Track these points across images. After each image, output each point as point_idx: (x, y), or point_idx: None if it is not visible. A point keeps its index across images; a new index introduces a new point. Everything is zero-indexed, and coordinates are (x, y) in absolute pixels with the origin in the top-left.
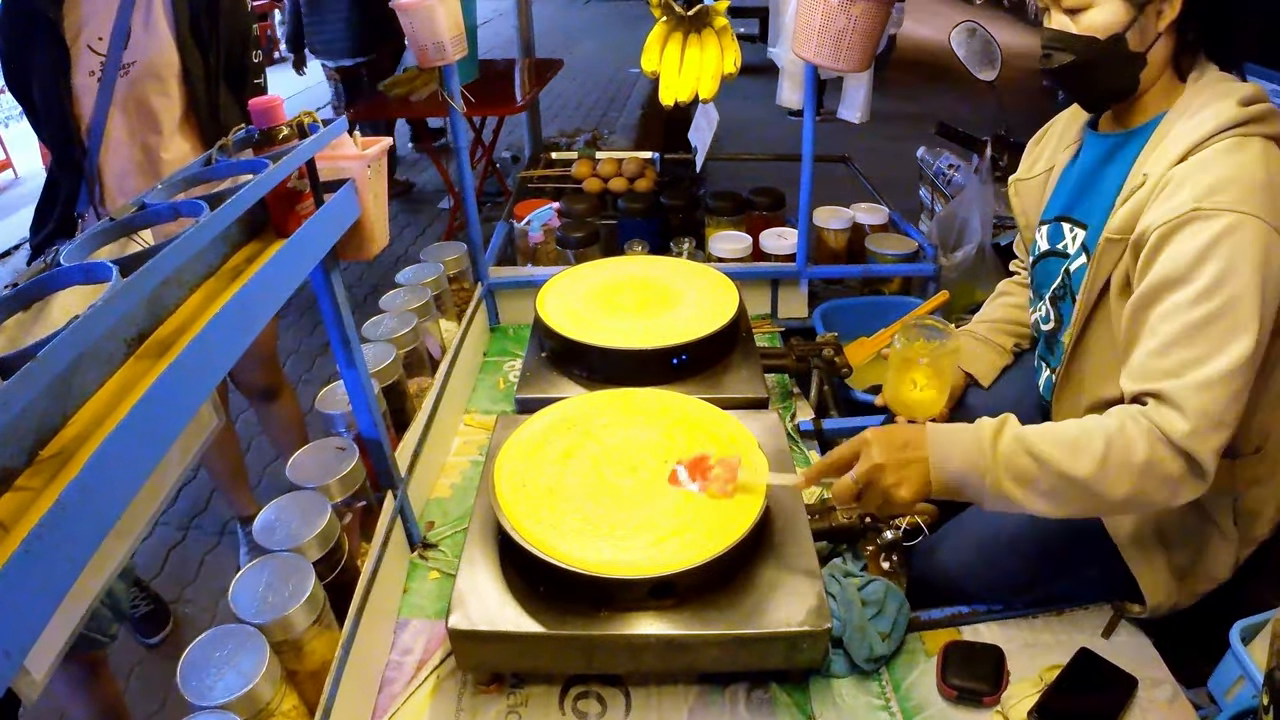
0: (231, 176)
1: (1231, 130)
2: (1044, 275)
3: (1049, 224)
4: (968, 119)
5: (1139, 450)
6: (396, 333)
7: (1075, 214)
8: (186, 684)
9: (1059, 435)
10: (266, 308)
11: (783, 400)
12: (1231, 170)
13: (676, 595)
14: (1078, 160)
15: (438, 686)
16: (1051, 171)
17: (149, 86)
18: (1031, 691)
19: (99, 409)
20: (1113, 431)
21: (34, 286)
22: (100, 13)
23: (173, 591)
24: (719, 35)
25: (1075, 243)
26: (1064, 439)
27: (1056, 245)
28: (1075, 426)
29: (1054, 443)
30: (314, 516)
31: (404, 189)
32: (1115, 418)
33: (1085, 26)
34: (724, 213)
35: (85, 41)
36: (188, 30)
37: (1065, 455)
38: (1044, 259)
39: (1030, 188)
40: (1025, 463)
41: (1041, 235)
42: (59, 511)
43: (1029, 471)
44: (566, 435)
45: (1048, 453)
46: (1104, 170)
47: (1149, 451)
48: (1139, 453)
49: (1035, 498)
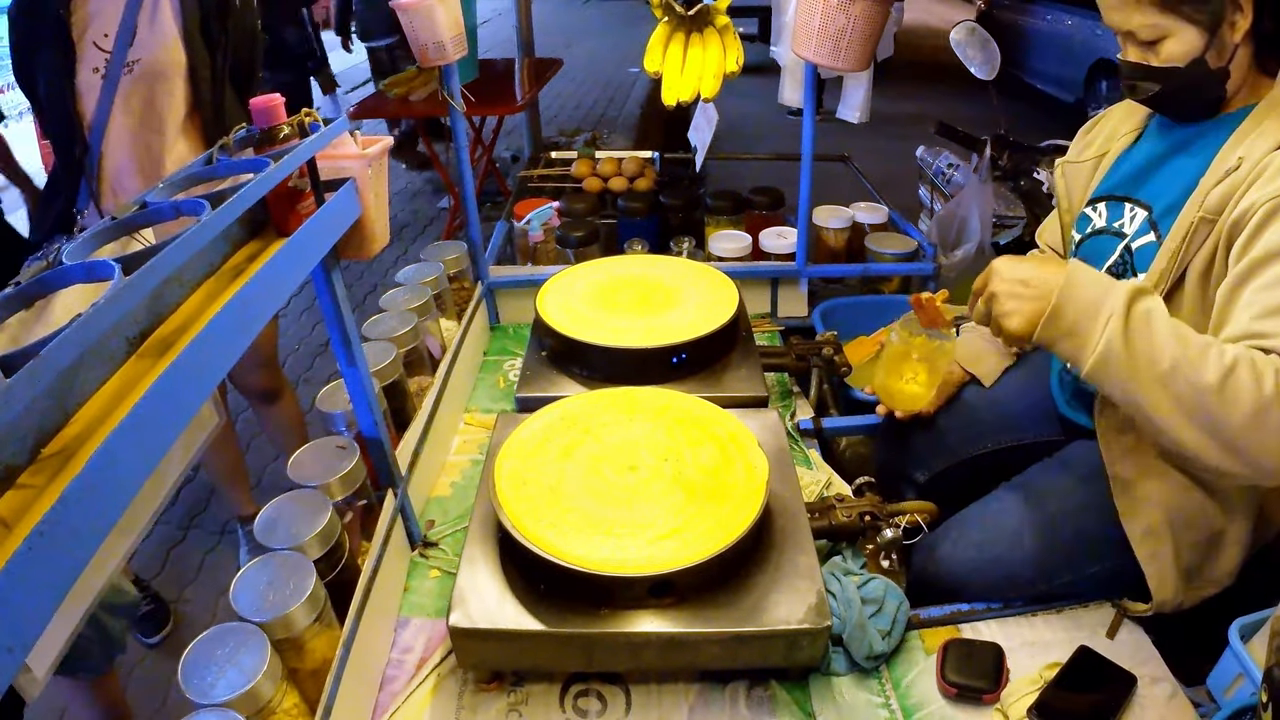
0: (232, 175)
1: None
2: (1094, 252)
3: (1106, 201)
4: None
5: (1268, 384)
6: (397, 332)
7: (1138, 195)
8: (188, 682)
9: (1190, 333)
10: (267, 306)
11: (782, 399)
12: None
13: (677, 593)
14: (1139, 146)
15: (438, 685)
16: (1104, 157)
17: (153, 85)
18: (1031, 689)
19: (101, 407)
20: (1246, 355)
21: (36, 285)
22: (107, 9)
23: (173, 591)
24: (721, 34)
25: (1134, 222)
26: (1194, 338)
27: (1113, 224)
28: (1206, 338)
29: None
30: (315, 515)
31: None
32: (1248, 353)
33: (1165, 58)
34: (723, 212)
35: (91, 38)
36: (197, 30)
37: (1196, 353)
38: (1094, 236)
39: (1079, 172)
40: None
41: (1097, 213)
42: (61, 509)
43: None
44: (566, 434)
45: (1177, 345)
46: (1177, 157)
47: (1277, 389)
48: (1268, 387)
49: (1149, 382)
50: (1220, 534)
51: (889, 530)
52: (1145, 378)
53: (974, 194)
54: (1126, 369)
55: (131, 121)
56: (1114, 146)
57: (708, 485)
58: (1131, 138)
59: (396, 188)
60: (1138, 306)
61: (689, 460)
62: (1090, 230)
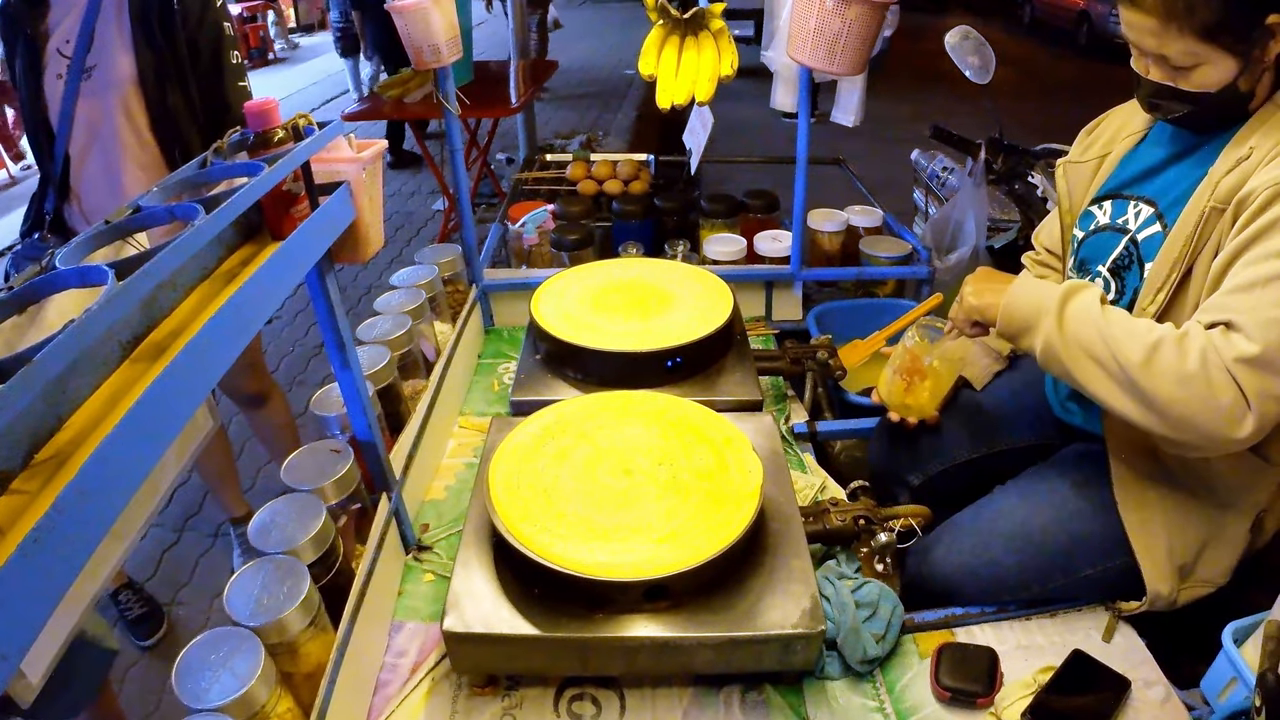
0: (226, 179)
1: None
2: (1098, 249)
3: (1111, 199)
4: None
5: (1192, 359)
6: (391, 335)
7: (1143, 192)
8: (181, 686)
9: (1125, 318)
10: (262, 311)
11: (777, 402)
12: None
13: (671, 597)
14: (1144, 146)
15: (433, 689)
16: (1108, 157)
17: (108, 91)
18: (1025, 693)
19: (94, 412)
20: (1174, 334)
21: (29, 290)
22: (71, 16)
23: (166, 593)
24: (715, 37)
25: (1139, 217)
26: (1128, 322)
27: (1117, 220)
28: (1145, 322)
29: (1118, 322)
30: (309, 519)
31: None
32: (1185, 328)
33: (1197, 84)
34: (718, 215)
35: (55, 45)
36: (145, 36)
37: (1123, 335)
38: (1098, 233)
39: (1081, 172)
40: (1088, 329)
41: (1102, 210)
42: (55, 515)
43: (1086, 336)
44: (561, 437)
45: (1108, 328)
46: (1185, 157)
47: (1201, 364)
48: (1191, 362)
49: (1085, 362)
50: (1217, 533)
51: (883, 534)
52: (1082, 363)
53: (969, 197)
54: (1066, 357)
55: (92, 127)
56: (1117, 147)
57: (702, 489)
58: (1136, 138)
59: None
60: (1070, 304)
61: (684, 464)
62: (1094, 227)
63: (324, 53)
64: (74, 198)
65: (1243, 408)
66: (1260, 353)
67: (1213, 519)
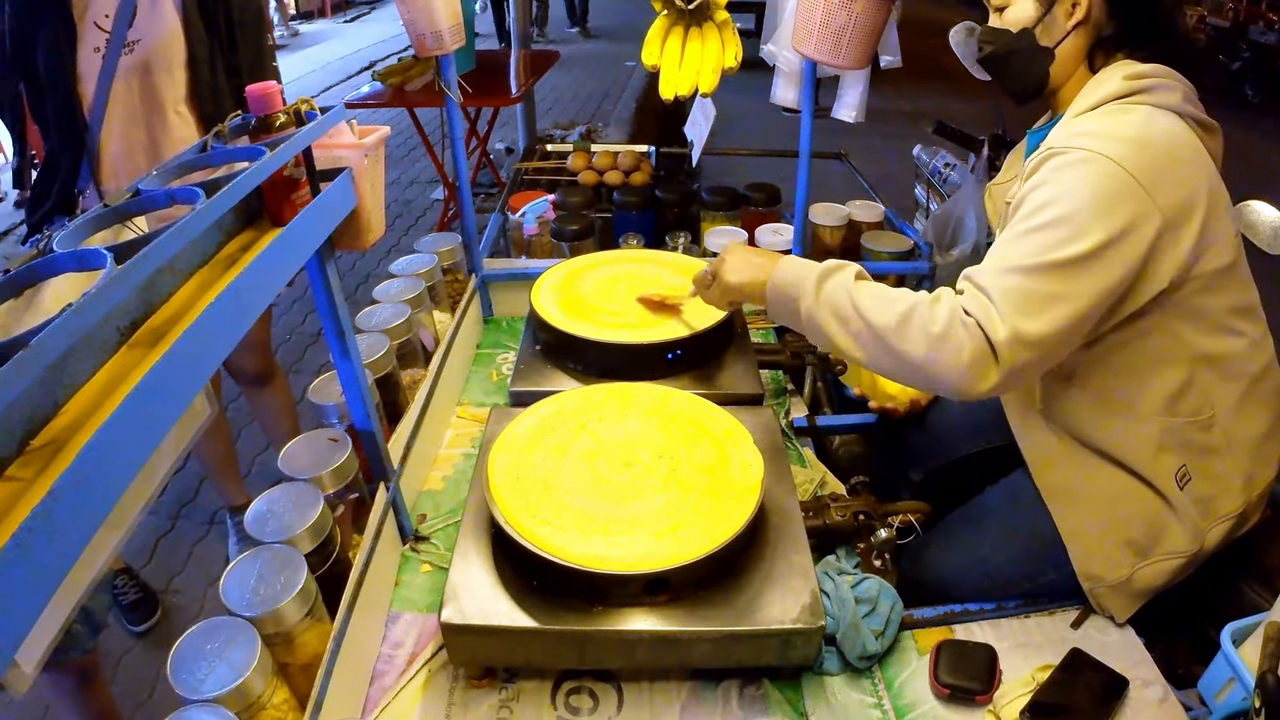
0: (227, 164)
1: (1117, 101)
2: None
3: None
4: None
5: (940, 320)
6: (390, 324)
7: None
8: (176, 677)
9: (882, 289)
10: (262, 297)
11: (777, 396)
12: (1100, 125)
13: (670, 591)
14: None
15: (429, 680)
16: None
17: (152, 66)
18: (1023, 691)
19: (91, 398)
20: (926, 300)
21: (26, 273)
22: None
23: (161, 581)
24: (720, 29)
25: None
26: (883, 292)
27: None
28: (904, 291)
29: (873, 292)
30: (306, 508)
31: None
32: (937, 292)
33: (1005, 21)
34: (720, 208)
35: (92, 17)
36: (195, 12)
37: (876, 304)
38: None
39: (1002, 191)
40: (842, 299)
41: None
42: (51, 503)
43: (843, 308)
44: (561, 429)
45: (861, 298)
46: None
47: (948, 325)
48: (939, 323)
49: (843, 335)
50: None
51: (883, 530)
52: (840, 333)
53: (971, 194)
54: (826, 328)
55: (130, 103)
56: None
57: (703, 483)
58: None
59: (391, 178)
60: (827, 281)
61: (684, 457)
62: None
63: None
64: (106, 177)
65: (987, 361)
66: (995, 308)
67: (1134, 488)
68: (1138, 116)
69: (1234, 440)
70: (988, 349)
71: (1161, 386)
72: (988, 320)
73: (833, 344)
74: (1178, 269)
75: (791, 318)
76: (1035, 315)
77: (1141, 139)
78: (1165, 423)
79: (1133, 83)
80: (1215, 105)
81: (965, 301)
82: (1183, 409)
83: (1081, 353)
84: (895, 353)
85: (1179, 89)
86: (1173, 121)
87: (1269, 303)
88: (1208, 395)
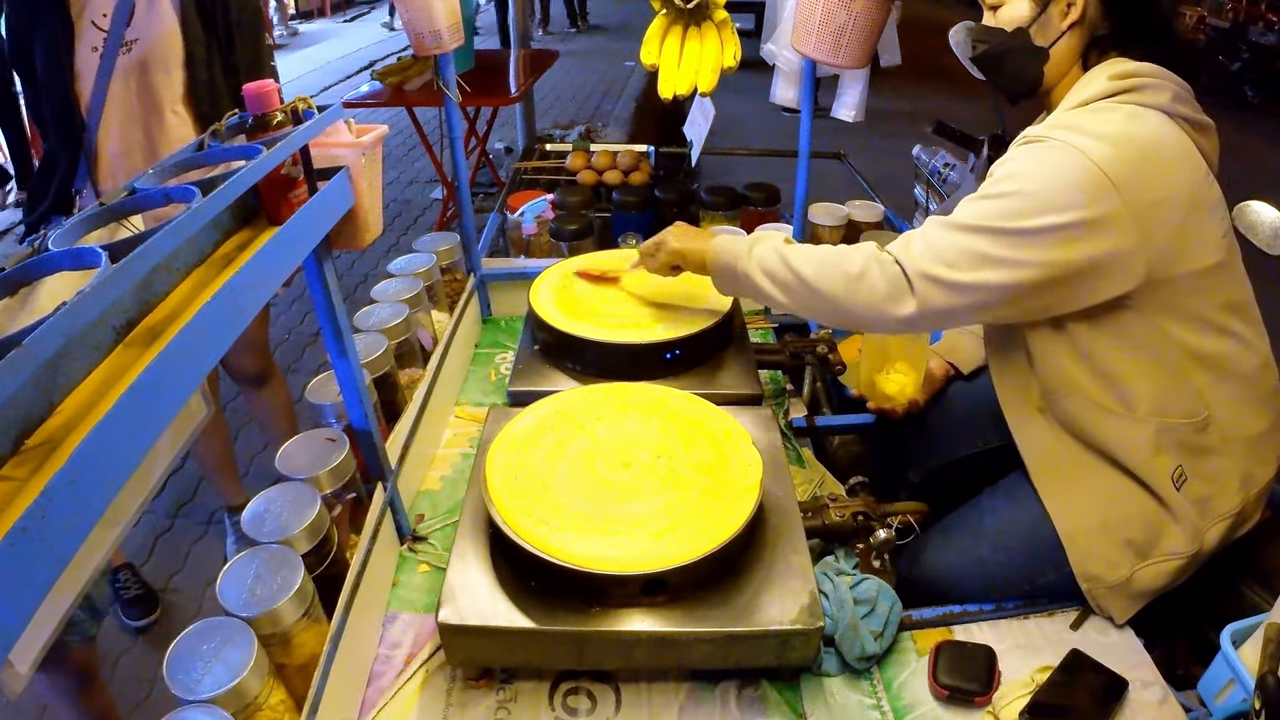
0: (224, 162)
1: (1104, 100)
2: None
3: None
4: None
5: (856, 262)
6: (388, 323)
7: None
8: (173, 677)
9: (805, 247)
10: (258, 296)
11: (775, 397)
12: (1080, 121)
13: (669, 592)
14: None
15: (426, 681)
16: None
17: (149, 66)
18: (1023, 692)
19: (86, 397)
20: (845, 248)
21: (21, 272)
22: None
23: (159, 580)
24: (719, 28)
25: None
26: (808, 249)
27: None
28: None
29: (798, 250)
30: (303, 508)
31: None
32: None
33: (999, 20)
34: (719, 207)
35: (89, 16)
36: (193, 12)
37: (800, 258)
38: None
39: None
40: (772, 260)
41: None
42: (45, 503)
43: (773, 267)
44: (559, 429)
45: (789, 255)
46: None
47: (864, 265)
48: (855, 264)
49: (776, 290)
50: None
51: (882, 530)
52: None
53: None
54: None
55: (127, 102)
56: None
57: (701, 483)
58: None
59: (389, 178)
60: (759, 244)
61: (683, 457)
62: None
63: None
64: (103, 177)
65: (903, 291)
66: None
67: (1131, 489)
68: (1119, 115)
69: (1230, 440)
70: (903, 280)
71: (1155, 387)
72: (905, 254)
73: (765, 296)
74: (1149, 267)
75: (729, 278)
76: (956, 266)
77: (1118, 136)
78: (1161, 423)
79: (1119, 82)
80: (1215, 106)
81: (894, 246)
82: (1178, 409)
83: (1076, 354)
84: (819, 294)
85: (1169, 88)
86: (1158, 120)
87: (1269, 303)
88: (1203, 395)
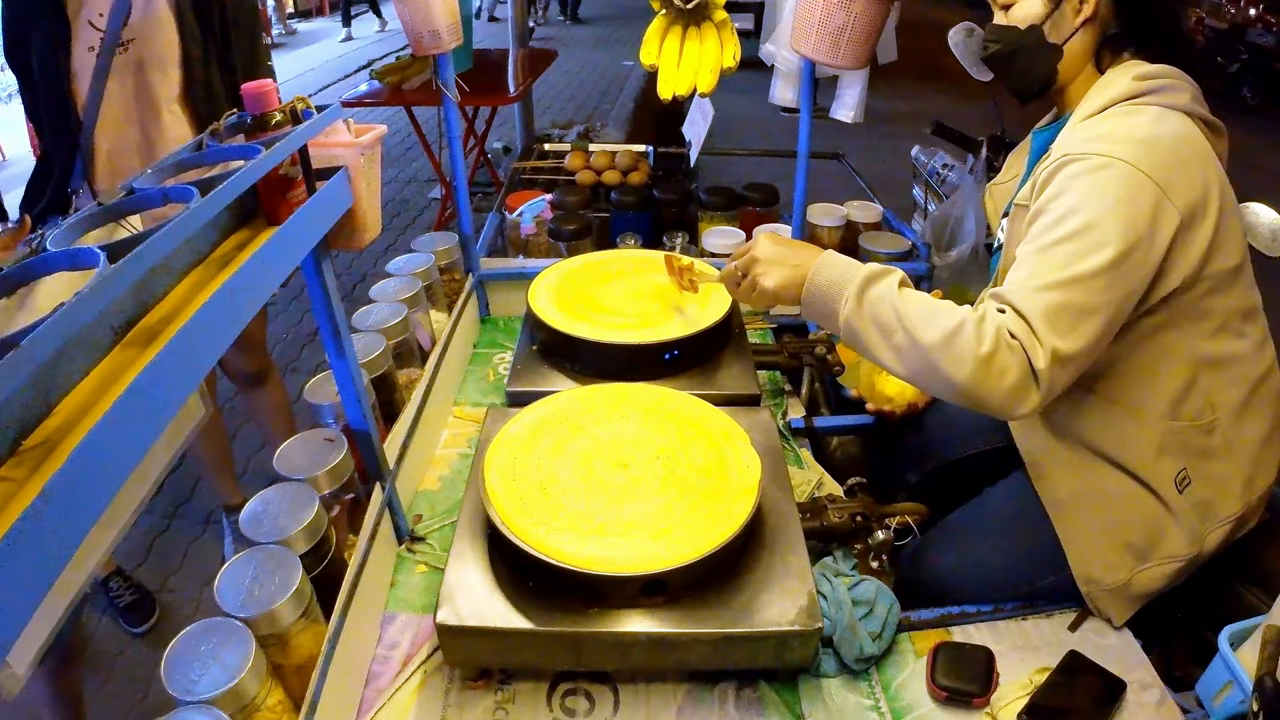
0: (222, 162)
1: (1127, 102)
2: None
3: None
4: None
5: (986, 342)
6: (386, 323)
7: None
8: (170, 678)
9: (928, 302)
10: (257, 296)
11: (774, 397)
12: (1113, 128)
13: (667, 593)
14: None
15: (424, 681)
16: (1019, 176)
17: (146, 65)
18: (1021, 693)
19: (84, 398)
20: (971, 318)
21: (18, 272)
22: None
23: (156, 580)
24: (718, 29)
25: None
26: (929, 305)
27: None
28: (949, 304)
29: (919, 305)
30: (301, 508)
31: None
32: (981, 310)
33: (1011, 19)
34: (717, 208)
35: (86, 16)
36: (190, 11)
37: (921, 318)
38: (996, 251)
39: (1003, 191)
40: (886, 310)
41: (1001, 229)
42: (43, 504)
43: (887, 320)
44: (558, 429)
45: (906, 311)
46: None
47: (994, 346)
48: (986, 344)
49: (885, 347)
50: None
51: (880, 532)
52: (881, 345)
53: (969, 195)
54: (867, 340)
55: (124, 102)
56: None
57: (699, 484)
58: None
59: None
60: (870, 290)
61: (681, 458)
62: (995, 245)
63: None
64: (100, 176)
65: (1029, 385)
66: (1035, 328)
67: (1133, 491)
68: (1148, 117)
69: (1235, 443)
70: (1029, 373)
71: (1167, 388)
72: (1030, 344)
73: (871, 354)
74: (1191, 267)
75: (827, 321)
76: (1069, 332)
77: (1153, 139)
78: (1168, 425)
79: (1142, 83)
80: (1213, 107)
81: (1009, 323)
82: (1186, 412)
83: None
84: (938, 370)
85: (1188, 89)
86: (1182, 121)
87: (1268, 304)
88: (1211, 398)
